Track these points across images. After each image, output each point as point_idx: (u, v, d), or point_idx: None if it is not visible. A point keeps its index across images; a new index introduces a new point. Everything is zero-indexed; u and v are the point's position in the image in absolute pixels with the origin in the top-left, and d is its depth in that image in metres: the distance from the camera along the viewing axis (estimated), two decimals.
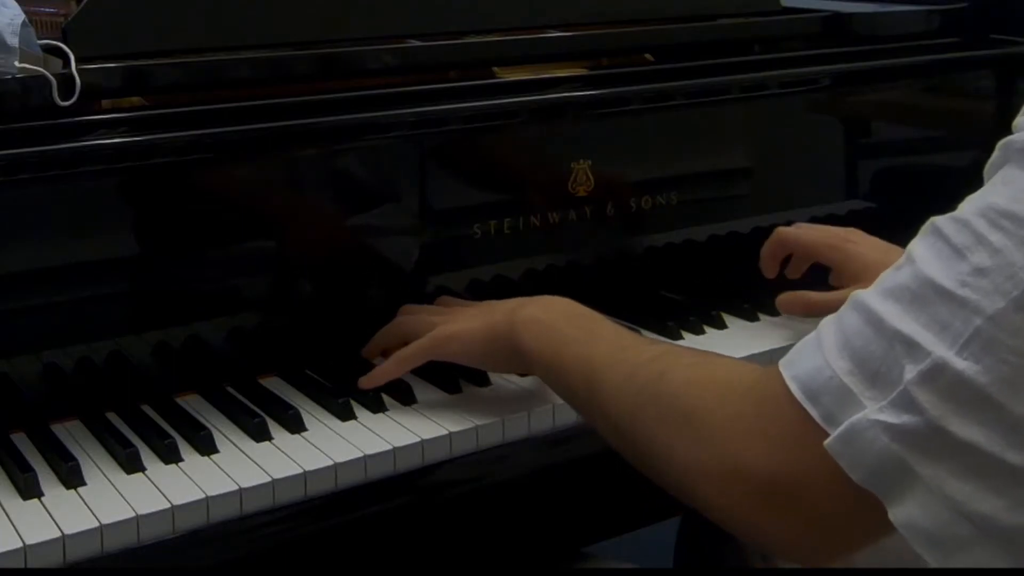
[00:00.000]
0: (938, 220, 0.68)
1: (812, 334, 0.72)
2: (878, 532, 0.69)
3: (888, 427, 0.65)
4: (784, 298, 1.18)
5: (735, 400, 0.74)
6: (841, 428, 0.67)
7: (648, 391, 0.80)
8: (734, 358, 0.82)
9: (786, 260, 1.22)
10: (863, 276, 1.12)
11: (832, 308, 1.12)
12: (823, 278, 1.19)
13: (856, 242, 1.18)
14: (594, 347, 0.89)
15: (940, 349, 0.63)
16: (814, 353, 0.70)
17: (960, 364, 0.62)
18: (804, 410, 0.69)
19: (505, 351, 0.98)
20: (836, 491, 0.68)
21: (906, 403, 0.64)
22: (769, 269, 1.21)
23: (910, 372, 0.64)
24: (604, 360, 0.87)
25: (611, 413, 0.84)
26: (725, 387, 0.76)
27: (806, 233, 1.20)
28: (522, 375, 1.05)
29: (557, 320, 0.95)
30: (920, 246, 0.68)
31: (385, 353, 1.08)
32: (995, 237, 0.63)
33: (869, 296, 0.69)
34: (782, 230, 1.21)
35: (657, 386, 0.80)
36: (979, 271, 0.63)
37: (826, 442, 0.67)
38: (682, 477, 0.77)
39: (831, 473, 0.67)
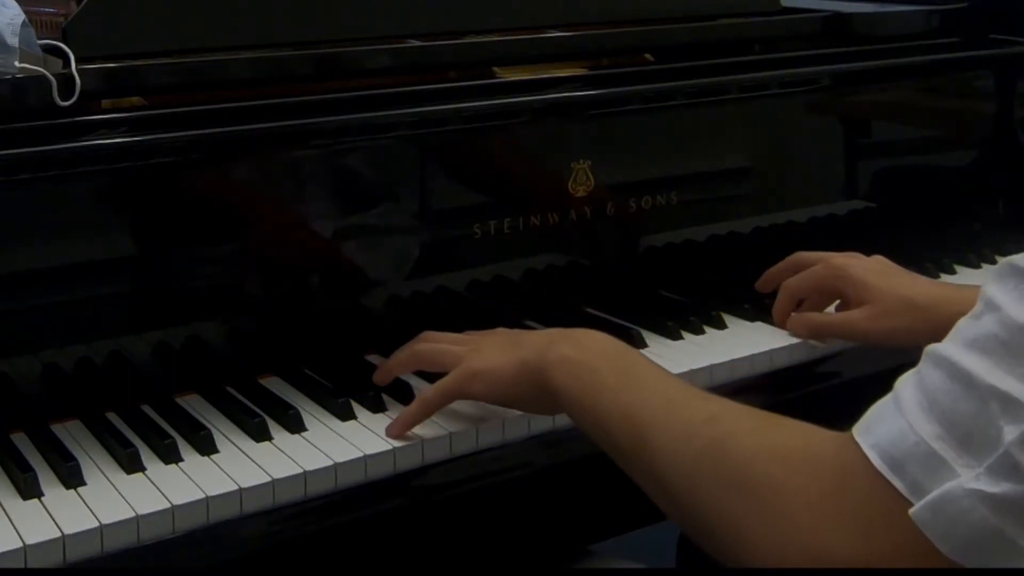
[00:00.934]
0: (1016, 260, 0.63)
1: (888, 396, 0.67)
2: None
3: (986, 497, 0.59)
4: (795, 321, 1.16)
5: (809, 474, 0.68)
6: (930, 496, 0.61)
7: (708, 459, 0.73)
8: (801, 422, 0.74)
9: None
10: (865, 299, 1.11)
11: (849, 330, 1.13)
12: None
13: (854, 265, 1.14)
14: (639, 398, 0.82)
15: None
16: (894, 416, 0.65)
17: None
18: (887, 483, 0.63)
19: (535, 391, 0.91)
20: (923, 565, 0.63)
21: (1007, 469, 0.59)
22: (768, 287, 1.20)
23: (1011, 433, 0.59)
24: (653, 417, 0.79)
25: (663, 478, 0.77)
26: (796, 457, 0.70)
27: (811, 273, 1.16)
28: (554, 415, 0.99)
29: (593, 360, 0.88)
30: (1000, 291, 0.63)
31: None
32: None
33: (950, 349, 0.63)
34: (799, 255, 1.18)
35: (719, 454, 0.73)
36: None
37: (912, 510, 0.62)
38: (752, 557, 0.70)
39: (918, 548, 0.62)
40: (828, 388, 1.18)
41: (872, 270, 1.14)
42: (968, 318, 0.64)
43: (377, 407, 1.01)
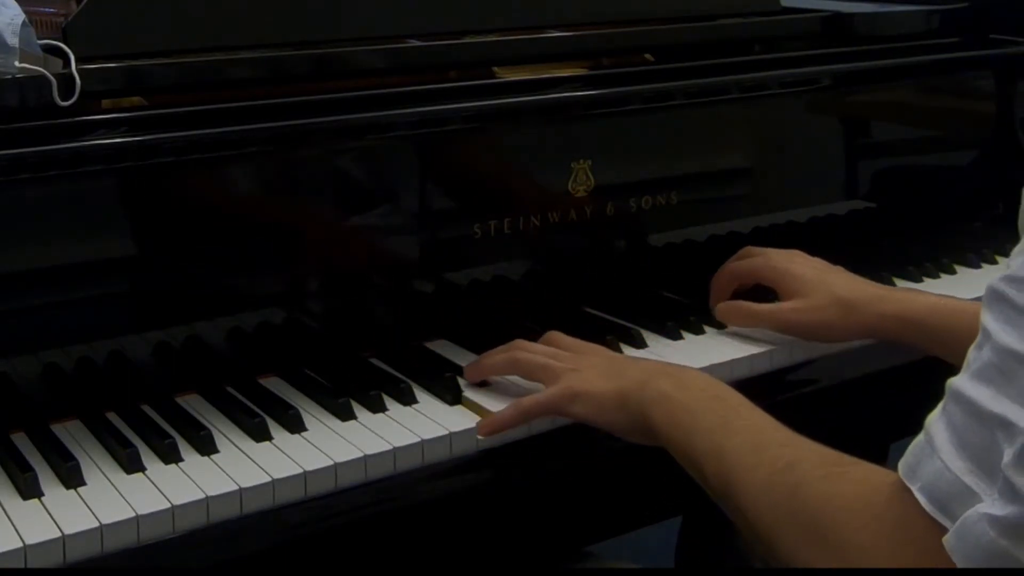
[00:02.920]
0: (994, 284, 0.66)
1: (921, 436, 0.69)
2: None
3: (994, 520, 0.62)
4: (724, 308, 1.18)
5: (871, 520, 0.71)
6: (956, 524, 0.64)
7: (784, 507, 0.78)
8: (865, 466, 0.77)
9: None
10: (797, 293, 1.15)
11: (777, 320, 1.15)
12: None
13: (792, 261, 1.18)
14: (728, 442, 0.85)
15: None
16: (931, 458, 0.67)
17: None
18: (938, 524, 0.66)
19: (634, 422, 0.94)
20: None
21: (1009, 491, 0.61)
22: (716, 301, 1.21)
23: (1007, 456, 0.61)
24: (739, 462, 0.83)
25: (749, 518, 0.81)
26: (859, 508, 0.73)
27: (745, 264, 1.20)
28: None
29: (690, 401, 0.91)
30: (989, 318, 0.65)
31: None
32: None
33: (962, 382, 0.66)
34: (728, 266, 1.21)
35: (793, 500, 0.77)
36: None
37: (944, 538, 0.65)
38: None
39: None
40: (827, 388, 1.18)
41: (809, 266, 1.18)
42: (973, 348, 0.67)
43: (377, 407, 1.01)
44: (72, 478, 0.89)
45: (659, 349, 1.14)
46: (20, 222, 0.94)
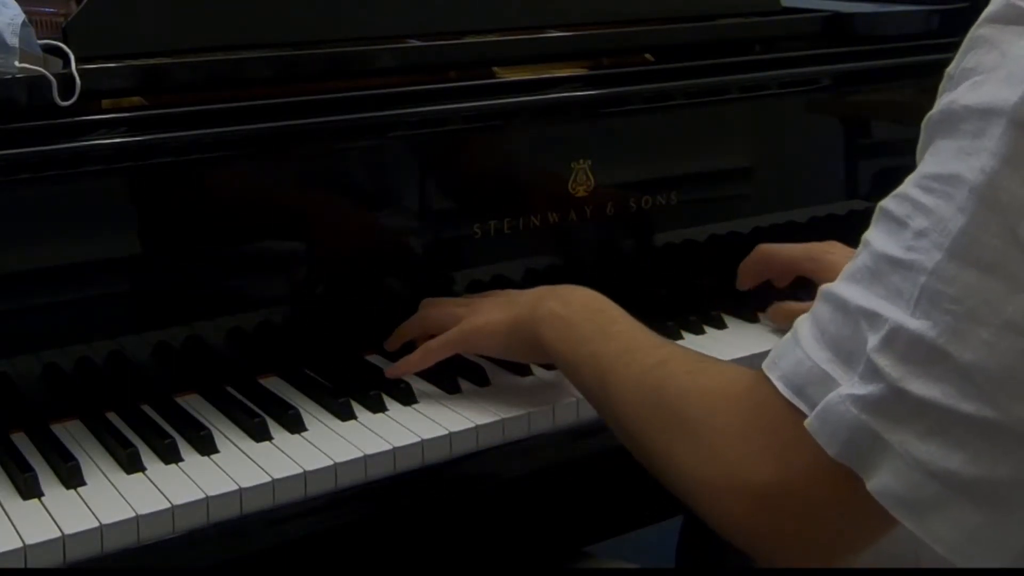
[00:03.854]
0: (882, 202, 0.72)
1: (789, 333, 0.74)
2: (870, 521, 0.70)
3: (856, 399, 0.67)
4: (775, 310, 1.20)
5: (728, 408, 0.76)
6: (818, 407, 0.69)
7: (650, 400, 0.82)
8: (729, 363, 0.84)
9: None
10: None
11: None
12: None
13: (833, 253, 1.20)
14: (605, 346, 0.90)
15: (896, 314, 0.66)
16: (793, 349, 0.72)
17: (913, 324, 0.65)
18: (793, 407, 0.71)
19: (527, 343, 1.00)
20: (823, 479, 0.69)
21: (870, 373, 0.67)
22: (745, 283, 1.23)
23: (872, 342, 0.67)
24: (614, 363, 0.88)
25: (619, 417, 0.86)
26: (718, 396, 0.77)
27: (786, 249, 1.22)
28: (546, 366, 1.07)
29: (574, 315, 0.96)
30: (872, 229, 0.72)
31: (406, 346, 1.08)
32: (928, 199, 0.67)
33: (835, 285, 0.72)
34: (763, 247, 1.23)
35: (658, 395, 0.81)
36: (919, 233, 0.67)
37: (806, 421, 0.69)
38: (685, 488, 0.78)
39: (817, 461, 0.69)
40: None
41: (848, 256, 1.16)
42: (851, 260, 0.72)
43: (377, 407, 1.01)
44: (72, 478, 0.89)
45: None
46: (20, 222, 0.94)
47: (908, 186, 0.70)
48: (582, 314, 0.96)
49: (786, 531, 0.72)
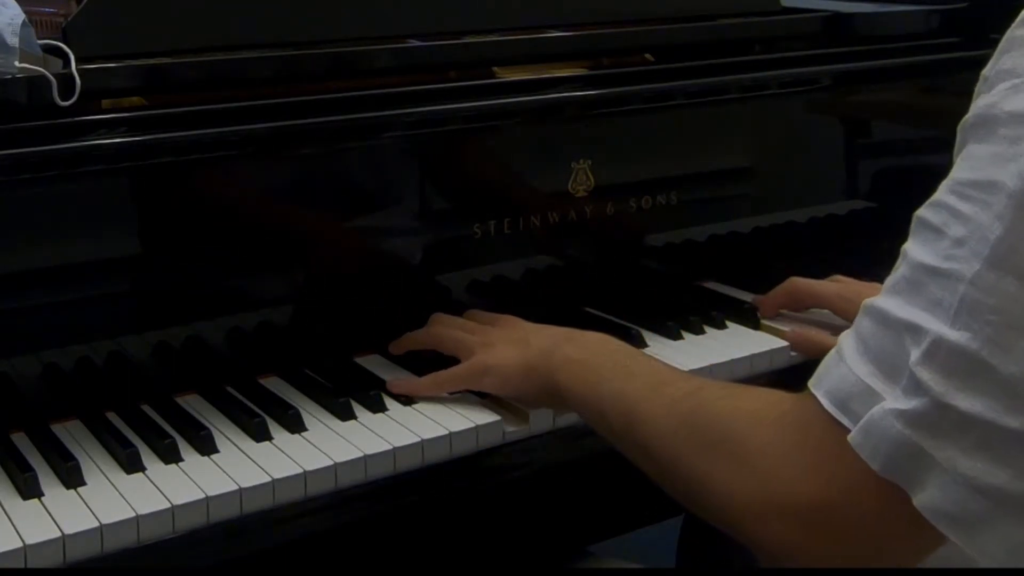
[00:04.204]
0: (918, 211, 0.71)
1: (832, 350, 0.73)
2: (918, 536, 0.68)
3: (899, 414, 0.66)
4: (798, 340, 1.17)
5: (771, 427, 0.74)
6: (861, 421, 0.68)
7: (686, 425, 0.80)
8: (765, 388, 0.82)
9: None
10: None
11: None
12: None
13: (866, 295, 1.17)
14: (630, 383, 0.89)
15: (936, 325, 0.65)
16: (837, 364, 0.71)
17: (953, 335, 0.64)
18: (838, 423, 0.69)
19: (541, 389, 0.98)
20: (869, 495, 0.68)
21: (913, 386, 0.65)
22: (769, 312, 1.22)
23: (914, 355, 0.65)
24: (641, 395, 0.86)
25: (651, 448, 0.84)
26: (761, 415, 0.76)
27: (818, 286, 1.21)
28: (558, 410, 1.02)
29: (593, 358, 0.95)
30: (910, 240, 0.71)
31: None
32: (965, 207, 0.66)
33: (876, 299, 0.70)
34: (796, 281, 1.21)
35: (693, 420, 0.80)
36: (957, 242, 0.66)
37: (850, 436, 0.68)
38: (728, 511, 0.76)
39: (862, 476, 0.67)
40: None
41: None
42: (892, 272, 0.71)
43: (377, 407, 1.01)
44: (72, 478, 0.89)
45: (659, 349, 1.14)
46: (20, 222, 0.94)
47: (943, 193, 0.69)
48: (601, 356, 0.95)
49: (833, 550, 0.71)
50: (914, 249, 0.69)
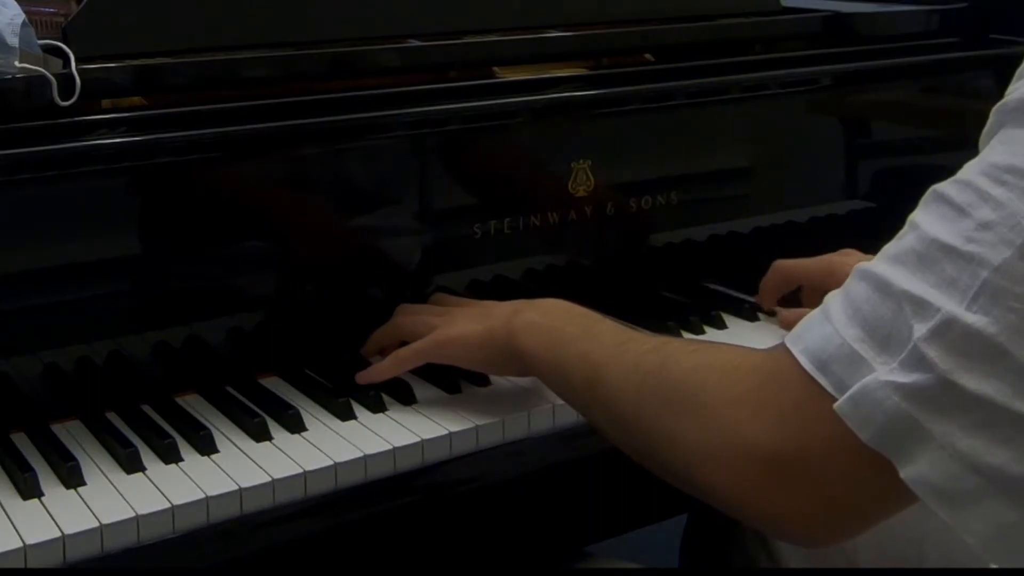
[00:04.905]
0: (938, 186, 0.69)
1: (817, 309, 0.72)
2: (888, 502, 0.70)
3: (898, 387, 0.65)
4: (790, 316, 1.18)
5: (740, 379, 0.74)
6: (851, 390, 0.67)
7: (650, 381, 0.80)
8: (733, 345, 0.82)
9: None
10: None
11: None
12: None
13: (849, 263, 1.18)
14: (594, 343, 0.89)
15: (949, 305, 0.64)
16: (822, 325, 0.70)
17: (969, 318, 0.63)
18: (814, 382, 0.69)
19: (503, 355, 0.98)
20: (846, 459, 0.68)
21: (916, 361, 0.65)
22: (768, 302, 1.22)
23: (919, 330, 0.65)
24: (605, 354, 0.86)
25: (613, 407, 0.84)
26: (730, 368, 0.75)
27: (802, 265, 1.21)
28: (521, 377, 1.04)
29: (556, 321, 0.95)
30: (922, 212, 0.69)
31: (383, 352, 1.08)
32: (998, 192, 0.65)
33: (874, 265, 0.69)
34: (779, 264, 1.22)
35: (659, 374, 0.79)
36: (984, 225, 0.64)
37: (835, 404, 0.67)
38: (687, 462, 0.76)
39: (841, 441, 0.67)
40: None
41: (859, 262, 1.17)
42: (894, 240, 0.70)
43: (377, 407, 1.01)
44: (72, 478, 0.89)
45: None
46: (20, 222, 0.94)
47: (972, 173, 0.67)
48: (564, 319, 0.95)
49: (798, 499, 0.71)
50: (928, 223, 0.68)
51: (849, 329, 0.68)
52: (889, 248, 0.70)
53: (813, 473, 0.70)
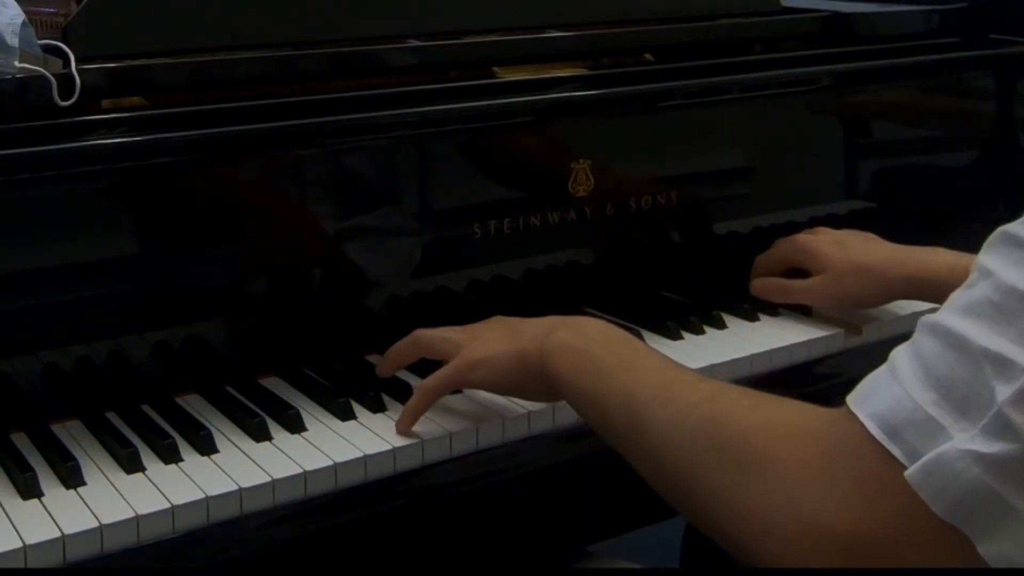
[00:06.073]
0: (1007, 227, 0.63)
1: (882, 367, 0.67)
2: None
3: (980, 457, 0.59)
4: (759, 284, 1.22)
5: (805, 446, 0.68)
6: (925, 458, 0.61)
7: (702, 434, 0.73)
8: (796, 401, 0.74)
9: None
10: (825, 268, 1.18)
11: (809, 295, 1.19)
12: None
13: (816, 239, 1.22)
14: (637, 379, 0.82)
15: None
16: (890, 385, 0.64)
17: None
18: (885, 451, 0.63)
19: (535, 379, 0.92)
20: (919, 533, 0.63)
21: (1000, 428, 0.59)
22: (762, 292, 1.24)
23: (1003, 393, 0.59)
24: (649, 396, 0.80)
25: (658, 454, 0.77)
26: (793, 432, 0.69)
27: (774, 252, 1.25)
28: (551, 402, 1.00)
29: (592, 347, 0.89)
30: (992, 257, 0.63)
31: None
32: None
33: (944, 317, 0.63)
34: (757, 259, 1.25)
35: (713, 429, 0.73)
36: None
37: (907, 472, 0.62)
38: (744, 530, 0.69)
39: (913, 514, 0.62)
40: (827, 388, 1.18)
41: (829, 241, 1.22)
42: (962, 288, 0.64)
43: (377, 407, 1.01)
44: (72, 478, 0.89)
45: (659, 349, 1.13)
46: (20, 222, 0.94)
47: None
48: (604, 346, 0.88)
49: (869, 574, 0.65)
50: (1003, 269, 0.61)
51: (922, 392, 0.62)
52: (958, 297, 0.64)
53: (886, 553, 0.64)
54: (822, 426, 0.68)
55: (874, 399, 0.65)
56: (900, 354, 0.66)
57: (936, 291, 1.05)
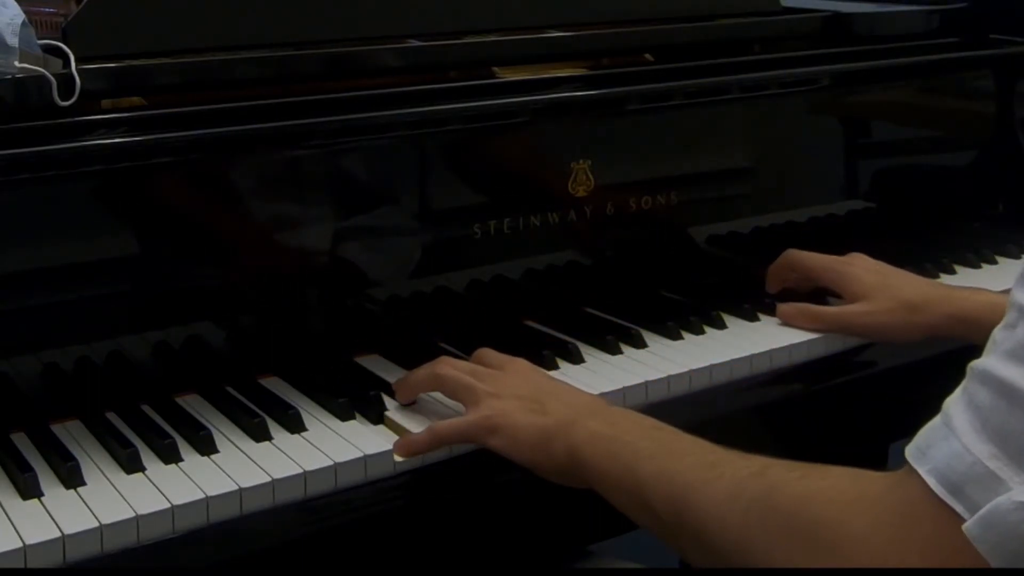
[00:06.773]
0: None
1: (937, 418, 0.65)
2: None
3: None
4: (788, 310, 1.20)
5: (866, 512, 0.67)
6: (982, 511, 0.60)
7: (758, 512, 0.72)
8: (844, 467, 0.72)
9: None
10: (861, 296, 1.18)
11: (843, 323, 1.17)
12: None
13: (853, 264, 1.21)
14: (677, 462, 0.81)
15: None
16: (947, 439, 0.63)
17: None
18: (948, 509, 0.62)
19: (558, 466, 0.91)
20: None
21: None
22: (773, 286, 1.25)
23: None
24: (693, 477, 0.78)
25: (709, 536, 0.75)
26: (849, 498, 0.68)
27: (810, 258, 1.23)
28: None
29: (622, 433, 0.87)
30: None
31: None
32: None
33: (991, 363, 0.62)
34: (792, 252, 1.24)
35: (769, 505, 0.72)
36: None
37: (965, 525, 0.61)
38: None
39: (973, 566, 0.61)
40: (827, 388, 1.18)
41: (870, 269, 1.21)
42: (1002, 328, 0.63)
43: (378, 407, 1.01)
44: (72, 478, 0.89)
45: (659, 349, 1.14)
46: (20, 222, 0.94)
47: None
48: (636, 432, 0.87)
49: None
50: None
51: (980, 444, 0.61)
52: (1001, 340, 0.62)
53: None
54: (881, 491, 0.67)
55: (932, 454, 0.64)
56: (955, 404, 0.64)
57: (979, 331, 1.05)
